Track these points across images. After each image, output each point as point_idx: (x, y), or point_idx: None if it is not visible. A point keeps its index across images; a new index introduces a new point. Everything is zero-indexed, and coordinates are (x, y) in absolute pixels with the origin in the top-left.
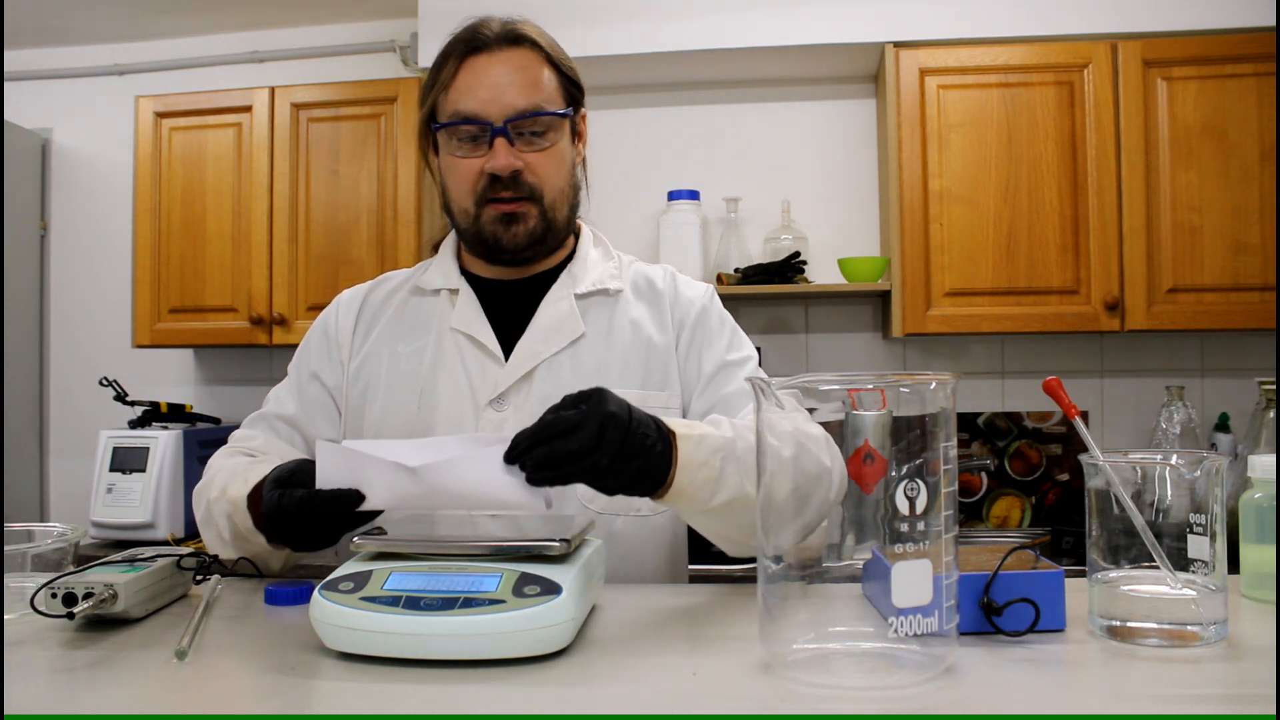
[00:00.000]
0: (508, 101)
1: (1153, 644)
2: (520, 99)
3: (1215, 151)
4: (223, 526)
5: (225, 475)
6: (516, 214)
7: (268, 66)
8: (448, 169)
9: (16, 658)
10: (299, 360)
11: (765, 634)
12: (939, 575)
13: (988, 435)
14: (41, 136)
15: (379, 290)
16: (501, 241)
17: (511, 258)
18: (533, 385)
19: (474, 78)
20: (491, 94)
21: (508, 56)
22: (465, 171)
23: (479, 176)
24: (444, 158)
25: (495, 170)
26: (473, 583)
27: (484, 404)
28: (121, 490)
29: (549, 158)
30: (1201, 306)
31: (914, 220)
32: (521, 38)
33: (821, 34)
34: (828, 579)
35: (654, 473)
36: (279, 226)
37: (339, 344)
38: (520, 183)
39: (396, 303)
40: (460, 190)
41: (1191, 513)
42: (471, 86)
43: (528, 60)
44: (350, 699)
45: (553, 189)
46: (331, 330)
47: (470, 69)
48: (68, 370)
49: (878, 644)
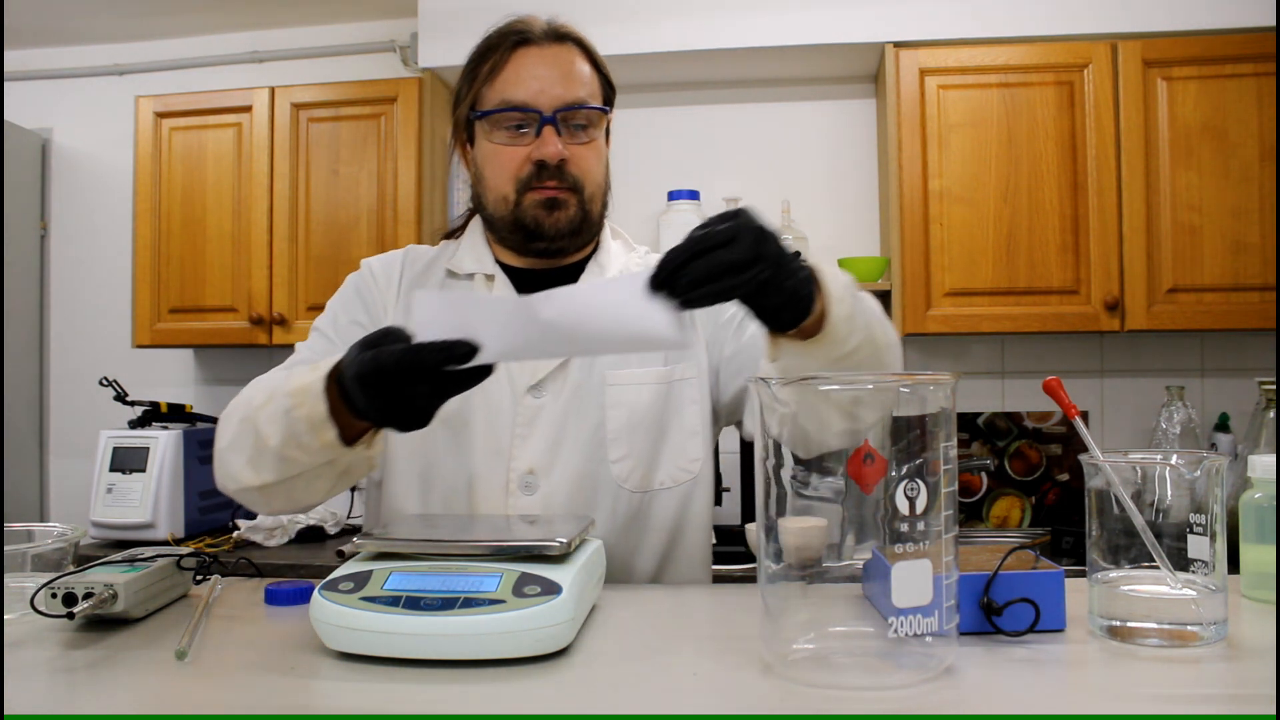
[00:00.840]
0: (557, 93)
1: (1153, 644)
2: (568, 91)
3: (1215, 151)
4: (270, 432)
5: (270, 382)
6: (558, 199)
7: (268, 66)
8: (488, 156)
9: (16, 658)
10: (332, 316)
11: (765, 634)
12: (939, 575)
13: (988, 435)
14: (41, 136)
15: (412, 265)
16: (543, 227)
17: (548, 246)
18: (569, 372)
19: (523, 69)
20: (541, 85)
21: (555, 51)
22: (509, 159)
23: (523, 164)
24: (484, 146)
25: (545, 157)
26: (473, 583)
27: (522, 390)
28: (121, 490)
29: (591, 151)
30: (1201, 306)
31: (914, 220)
32: (566, 35)
33: (822, 34)
34: (828, 579)
35: (806, 296)
36: (279, 226)
37: (382, 305)
38: (564, 172)
39: (433, 283)
40: (501, 178)
41: (1191, 513)
42: (521, 77)
43: (573, 56)
44: (350, 699)
45: (592, 182)
46: (371, 289)
47: (519, 60)
48: (68, 370)
49: (878, 644)
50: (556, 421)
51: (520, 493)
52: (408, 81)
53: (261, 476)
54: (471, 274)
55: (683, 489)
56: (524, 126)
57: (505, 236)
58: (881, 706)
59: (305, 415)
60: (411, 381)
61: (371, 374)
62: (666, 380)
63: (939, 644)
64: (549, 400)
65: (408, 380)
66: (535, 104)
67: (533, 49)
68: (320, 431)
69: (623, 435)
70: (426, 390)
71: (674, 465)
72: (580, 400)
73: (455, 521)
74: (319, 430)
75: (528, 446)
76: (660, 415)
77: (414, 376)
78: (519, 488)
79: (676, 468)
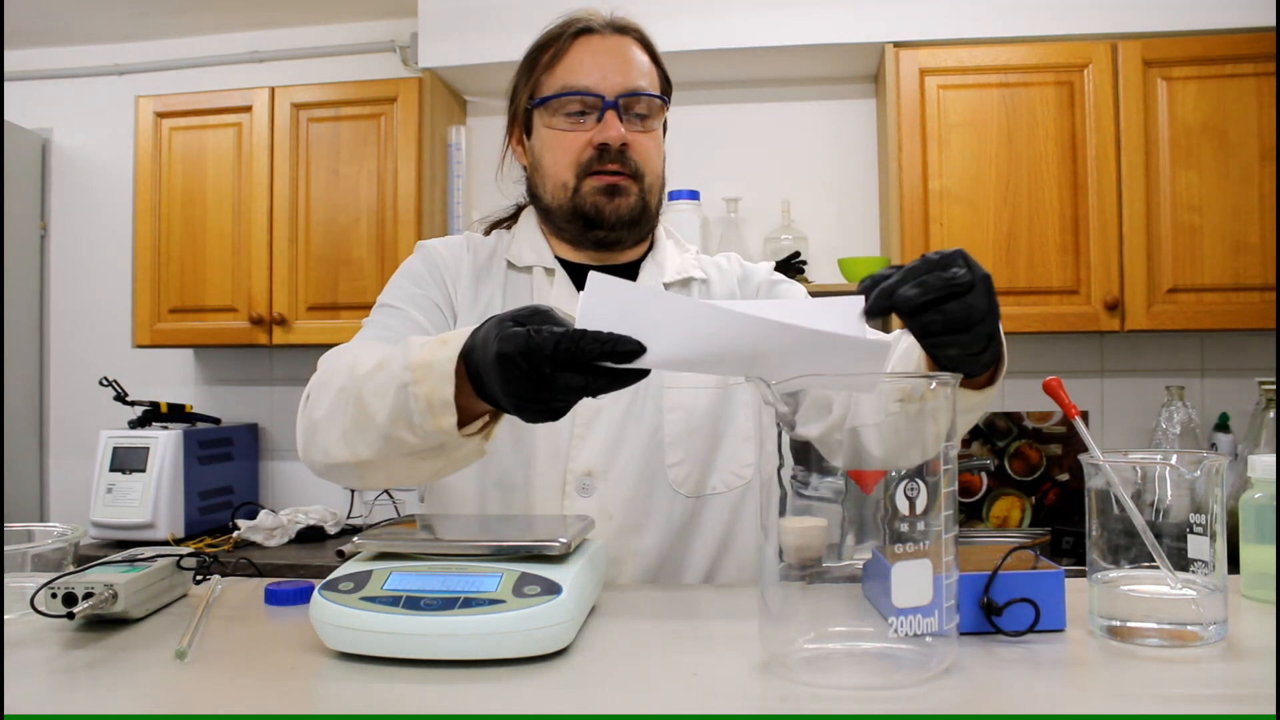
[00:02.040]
0: (619, 79)
1: (1153, 644)
2: (630, 79)
3: (1215, 151)
4: (377, 407)
5: (376, 352)
6: (619, 185)
7: (268, 66)
8: (548, 143)
9: (16, 658)
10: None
11: (765, 634)
12: (939, 575)
13: (988, 435)
14: (41, 136)
15: (475, 252)
16: (603, 213)
17: (606, 235)
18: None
19: (586, 55)
20: (603, 71)
21: (618, 41)
22: (570, 144)
23: (584, 149)
24: (543, 134)
25: (607, 140)
26: (472, 583)
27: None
28: (121, 490)
29: (651, 140)
30: (1201, 306)
31: (914, 220)
32: (628, 28)
33: (821, 34)
34: (828, 579)
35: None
36: (279, 227)
37: (453, 284)
38: (626, 158)
39: (497, 272)
40: (561, 163)
41: (1191, 513)
42: (584, 63)
43: (635, 47)
44: (350, 699)
45: (651, 172)
46: (440, 268)
47: (582, 47)
48: (68, 370)
49: (878, 644)
50: (616, 424)
51: (577, 494)
52: (408, 81)
53: (358, 453)
54: (530, 267)
55: (735, 494)
56: (585, 113)
57: (563, 227)
58: (881, 707)
59: (425, 394)
60: (563, 369)
61: (519, 354)
62: (723, 384)
63: (939, 644)
64: (609, 402)
65: (559, 367)
66: (598, 89)
67: (595, 38)
68: (439, 415)
69: (680, 439)
70: (578, 383)
71: (727, 470)
72: (639, 403)
73: (455, 522)
74: (438, 413)
75: (586, 448)
76: (716, 420)
77: (567, 365)
78: (576, 489)
79: (730, 473)
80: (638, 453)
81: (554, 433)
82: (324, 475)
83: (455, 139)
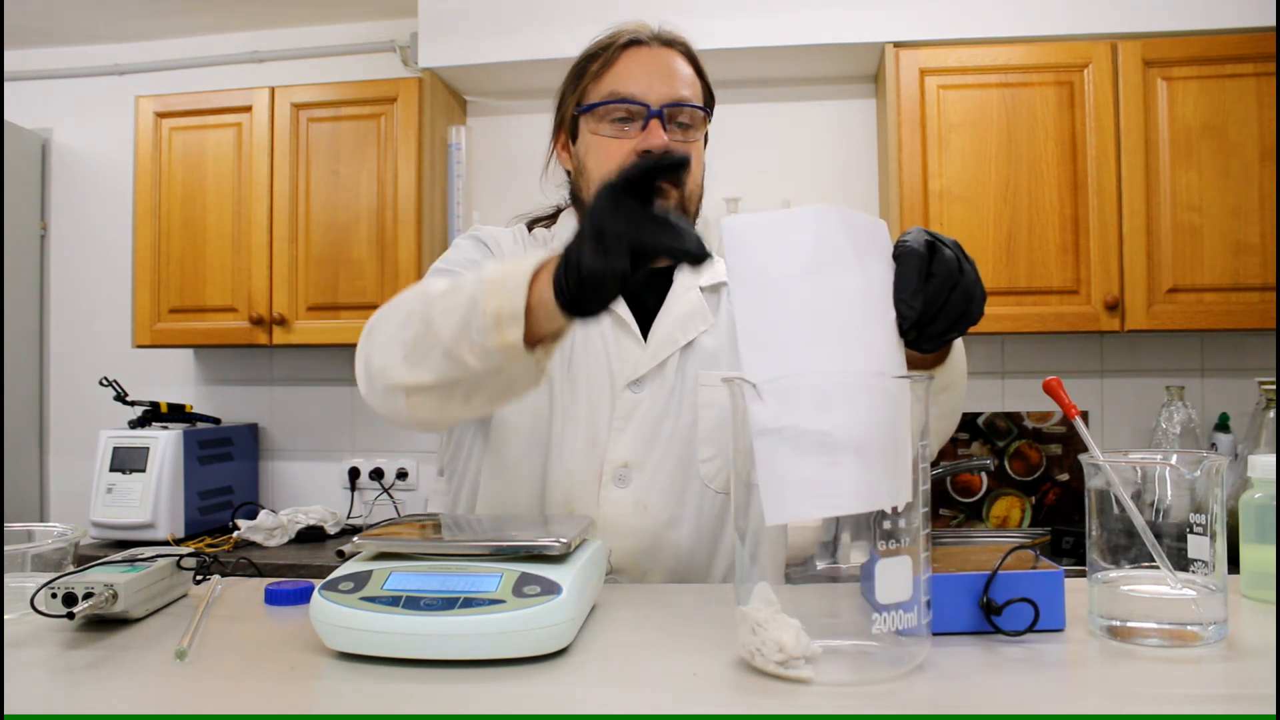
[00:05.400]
0: (664, 90)
1: (1153, 644)
2: (675, 89)
3: (1215, 151)
4: (444, 326)
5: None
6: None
7: (268, 66)
8: (593, 147)
9: (16, 658)
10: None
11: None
12: (916, 577)
13: (988, 435)
14: (41, 136)
15: (528, 245)
16: None
17: None
18: (665, 371)
19: (634, 65)
20: (650, 81)
21: (664, 53)
22: (614, 150)
23: (628, 155)
24: (588, 139)
25: (650, 147)
26: (472, 583)
27: (622, 385)
28: (121, 490)
29: (693, 150)
30: (1201, 306)
31: (914, 220)
32: (675, 41)
33: (822, 34)
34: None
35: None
36: (279, 226)
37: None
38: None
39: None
40: (605, 168)
41: (1191, 513)
42: (632, 72)
43: (681, 60)
44: (350, 699)
45: (693, 181)
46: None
47: (630, 57)
48: (68, 370)
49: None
50: (654, 417)
51: (613, 485)
52: (408, 81)
53: (417, 376)
54: None
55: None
56: (630, 120)
57: None
58: (880, 706)
59: (494, 309)
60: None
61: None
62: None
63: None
64: (647, 396)
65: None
66: (643, 98)
67: (643, 49)
68: (506, 329)
69: (713, 435)
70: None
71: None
72: (676, 398)
73: (456, 522)
74: (505, 327)
75: (623, 440)
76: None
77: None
78: (612, 480)
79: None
80: (674, 447)
81: (593, 423)
82: (377, 406)
83: (455, 139)
